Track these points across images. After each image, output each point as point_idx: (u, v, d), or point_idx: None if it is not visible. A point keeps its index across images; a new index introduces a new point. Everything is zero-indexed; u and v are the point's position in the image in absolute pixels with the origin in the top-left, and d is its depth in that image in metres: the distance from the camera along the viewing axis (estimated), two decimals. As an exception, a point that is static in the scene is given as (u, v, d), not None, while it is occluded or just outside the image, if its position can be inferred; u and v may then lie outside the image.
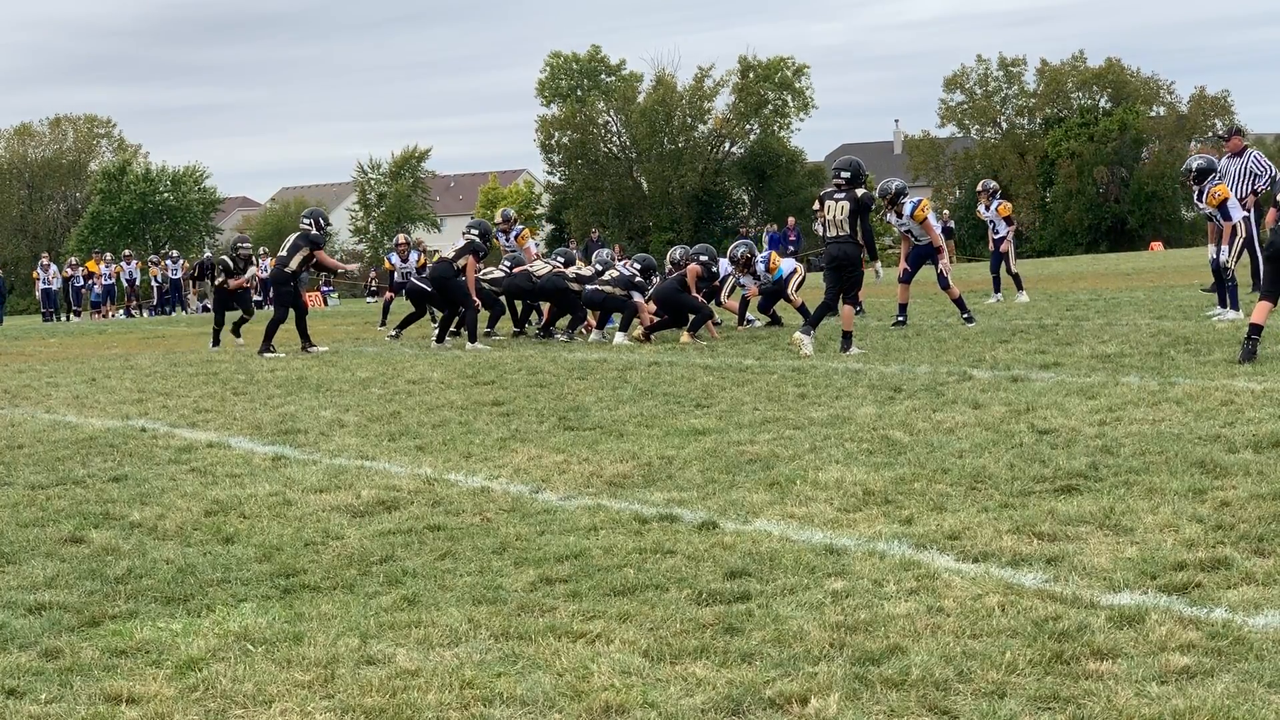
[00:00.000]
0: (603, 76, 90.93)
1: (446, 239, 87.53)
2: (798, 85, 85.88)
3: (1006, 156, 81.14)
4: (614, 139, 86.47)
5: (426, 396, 14.75)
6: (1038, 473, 8.87)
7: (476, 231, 22.59)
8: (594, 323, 22.36)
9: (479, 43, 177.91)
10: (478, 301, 22.08)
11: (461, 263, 21.62)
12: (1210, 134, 77.71)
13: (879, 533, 7.64)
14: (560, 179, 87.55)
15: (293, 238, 22.60)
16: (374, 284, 63.96)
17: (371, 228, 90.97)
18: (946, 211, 67.25)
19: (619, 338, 20.61)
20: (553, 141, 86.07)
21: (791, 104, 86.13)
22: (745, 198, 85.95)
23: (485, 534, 8.11)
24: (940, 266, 21.17)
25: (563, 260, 24.35)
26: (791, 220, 55.25)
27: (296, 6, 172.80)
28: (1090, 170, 76.96)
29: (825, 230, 17.84)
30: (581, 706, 5.26)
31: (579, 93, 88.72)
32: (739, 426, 11.46)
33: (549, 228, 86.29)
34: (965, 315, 20.36)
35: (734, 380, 14.61)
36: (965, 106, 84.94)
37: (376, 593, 6.97)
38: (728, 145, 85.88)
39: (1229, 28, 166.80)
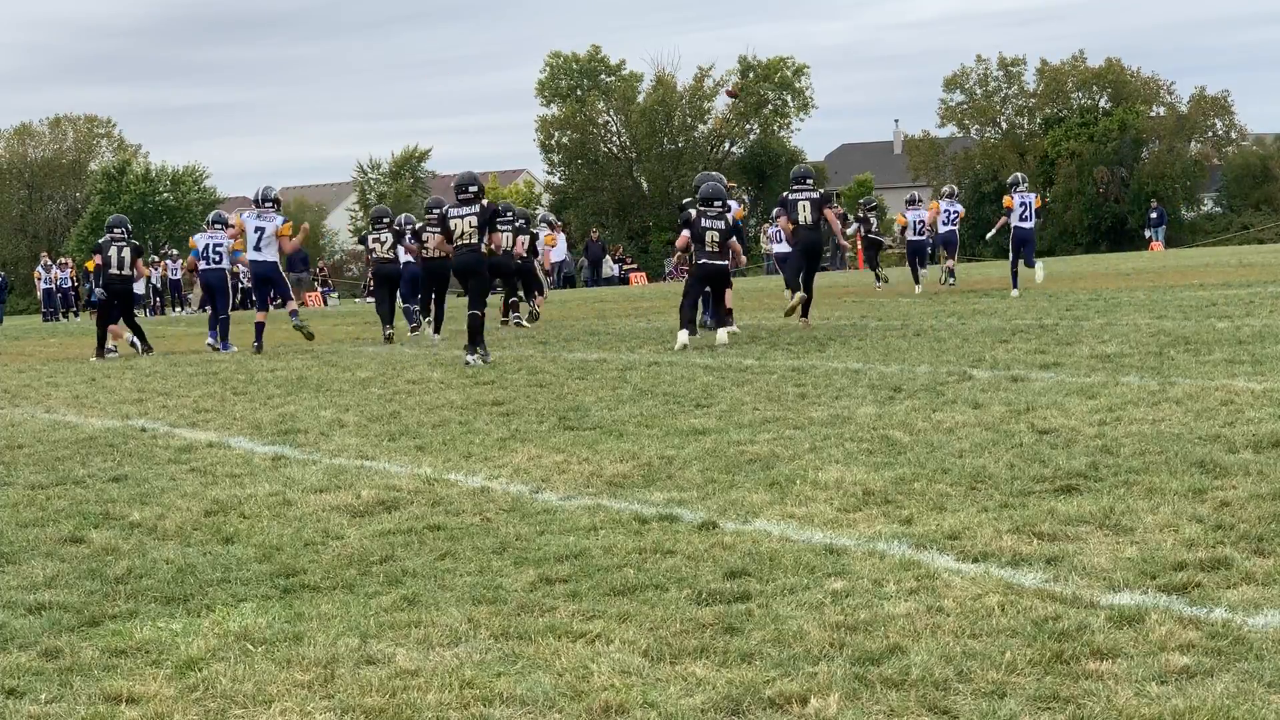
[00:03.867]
0: (603, 76, 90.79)
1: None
2: (797, 85, 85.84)
3: (1006, 156, 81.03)
4: (614, 139, 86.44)
5: (426, 396, 14.75)
6: (1037, 472, 8.87)
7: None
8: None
9: (479, 43, 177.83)
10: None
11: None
12: None
13: (879, 532, 7.64)
14: (560, 179, 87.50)
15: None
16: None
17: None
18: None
19: (721, 335, 19.65)
20: (552, 141, 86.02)
21: (791, 104, 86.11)
22: (745, 197, 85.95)
23: (485, 534, 8.11)
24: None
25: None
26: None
27: (297, 6, 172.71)
28: (1090, 170, 76.91)
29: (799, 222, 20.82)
30: (581, 706, 5.26)
31: (579, 93, 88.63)
32: (739, 426, 11.46)
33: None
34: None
35: (734, 380, 14.61)
36: (965, 106, 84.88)
37: (376, 592, 6.97)
38: (728, 145, 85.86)
39: (1229, 28, 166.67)
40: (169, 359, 22.31)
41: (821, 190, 20.86)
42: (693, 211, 19.49)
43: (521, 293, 26.96)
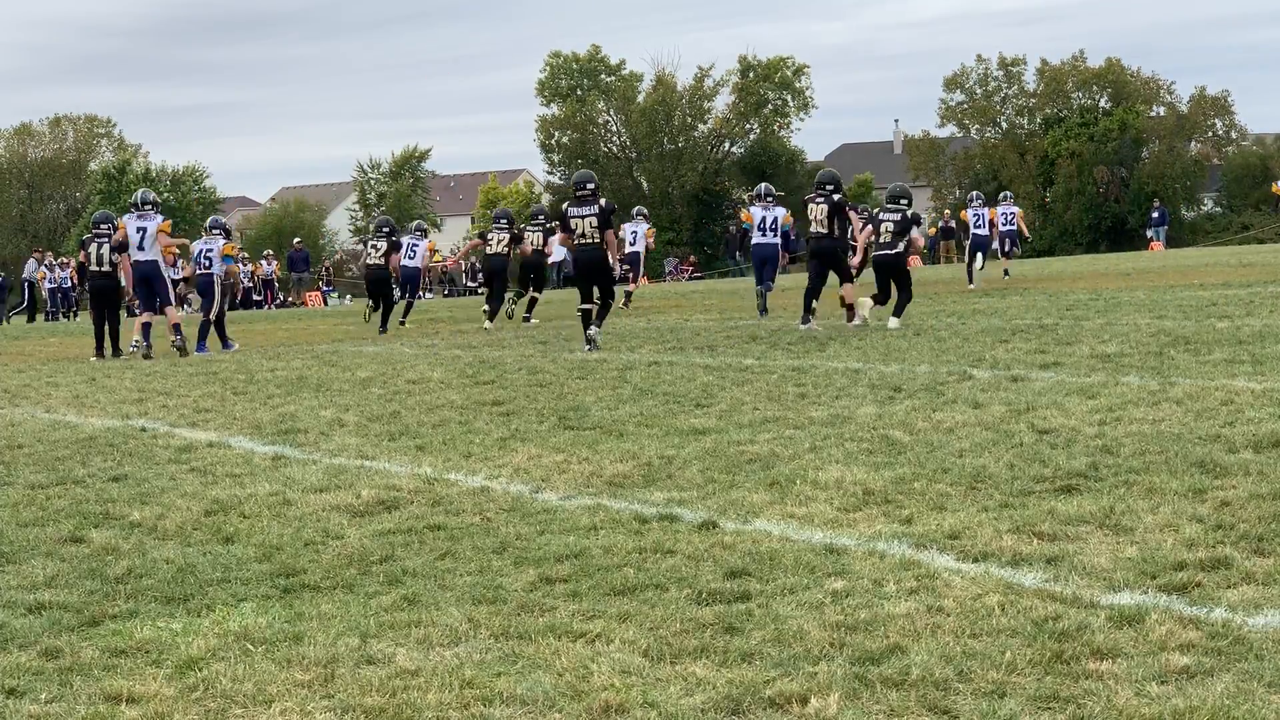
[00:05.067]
0: (602, 76, 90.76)
1: (447, 239, 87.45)
2: (797, 85, 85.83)
3: (1006, 156, 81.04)
4: (614, 139, 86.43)
5: (426, 396, 14.75)
6: (1038, 472, 8.87)
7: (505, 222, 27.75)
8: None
9: (479, 43, 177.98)
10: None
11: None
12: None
13: (879, 532, 7.64)
14: (560, 179, 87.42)
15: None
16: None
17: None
18: (947, 211, 67.23)
19: (893, 322, 20.38)
20: (552, 141, 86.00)
21: (791, 104, 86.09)
22: (745, 197, 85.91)
23: (485, 534, 8.11)
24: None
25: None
26: (790, 219, 55.21)
27: (297, 6, 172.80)
28: (1090, 170, 76.89)
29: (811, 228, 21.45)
30: (581, 706, 5.26)
31: (579, 92, 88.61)
32: (739, 426, 11.46)
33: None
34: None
35: (734, 380, 14.61)
36: (965, 106, 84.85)
37: (376, 592, 6.97)
38: (728, 145, 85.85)
39: (1229, 28, 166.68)
40: (168, 359, 22.30)
41: (839, 196, 21.43)
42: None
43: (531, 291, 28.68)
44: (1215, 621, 5.79)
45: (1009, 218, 35.11)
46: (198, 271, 24.64)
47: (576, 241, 19.44)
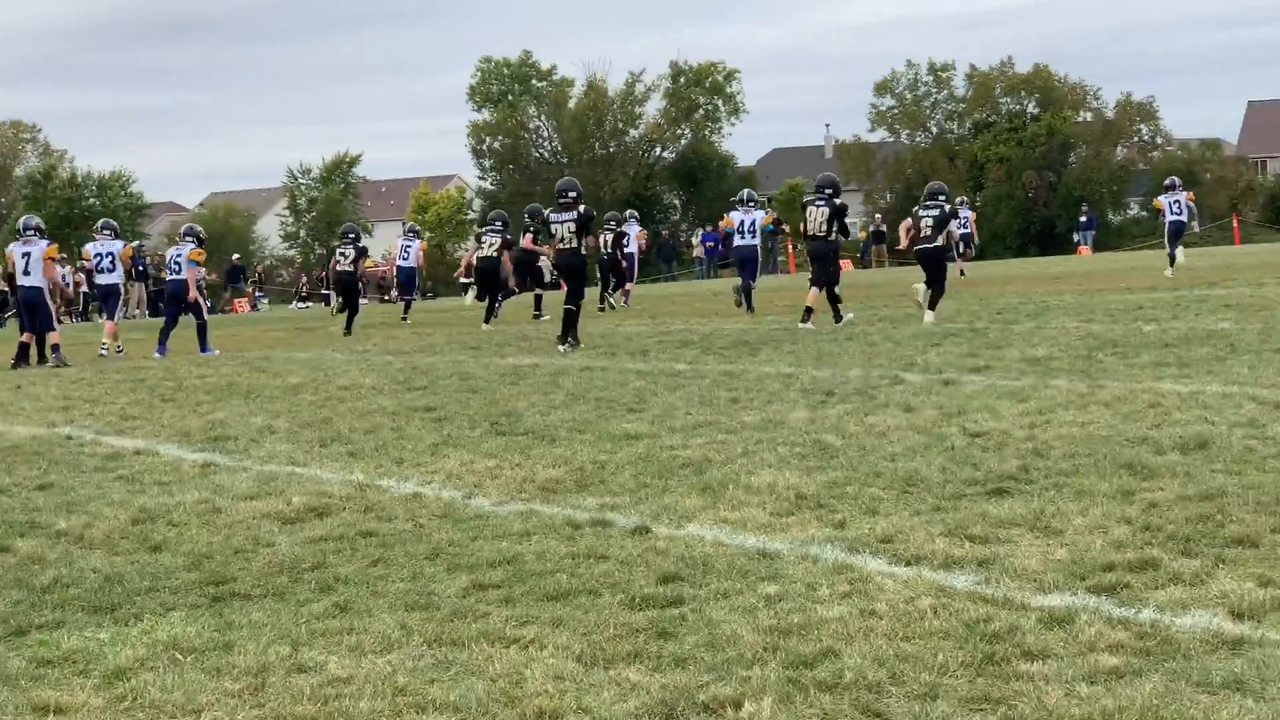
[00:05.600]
0: (534, 82, 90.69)
1: (378, 244, 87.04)
2: (728, 90, 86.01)
3: (937, 161, 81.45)
4: (545, 144, 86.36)
5: (358, 402, 14.68)
6: (969, 475, 8.92)
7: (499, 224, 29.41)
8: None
9: (410, 48, 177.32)
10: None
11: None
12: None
13: (812, 536, 7.66)
14: (492, 184, 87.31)
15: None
16: (304, 290, 63.58)
17: (302, 233, 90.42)
18: (878, 216, 67.54)
19: (929, 317, 21.06)
20: (484, 147, 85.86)
21: (722, 108, 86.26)
22: (677, 202, 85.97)
23: (417, 540, 8.08)
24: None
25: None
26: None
27: (226, 11, 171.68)
28: (1019, 175, 77.37)
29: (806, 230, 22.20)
30: (515, 713, 5.25)
31: (510, 98, 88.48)
32: (671, 431, 11.46)
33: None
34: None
35: (666, 385, 14.62)
36: (895, 111, 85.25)
37: (308, 600, 6.93)
38: (659, 150, 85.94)
39: (1154, 34, 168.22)
40: (96, 365, 22.11)
41: (839, 200, 22.13)
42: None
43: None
44: (1144, 622, 5.83)
45: (963, 221, 36.80)
46: (169, 277, 24.83)
47: (556, 246, 20.10)
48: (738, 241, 27.30)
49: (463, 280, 29.38)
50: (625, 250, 31.90)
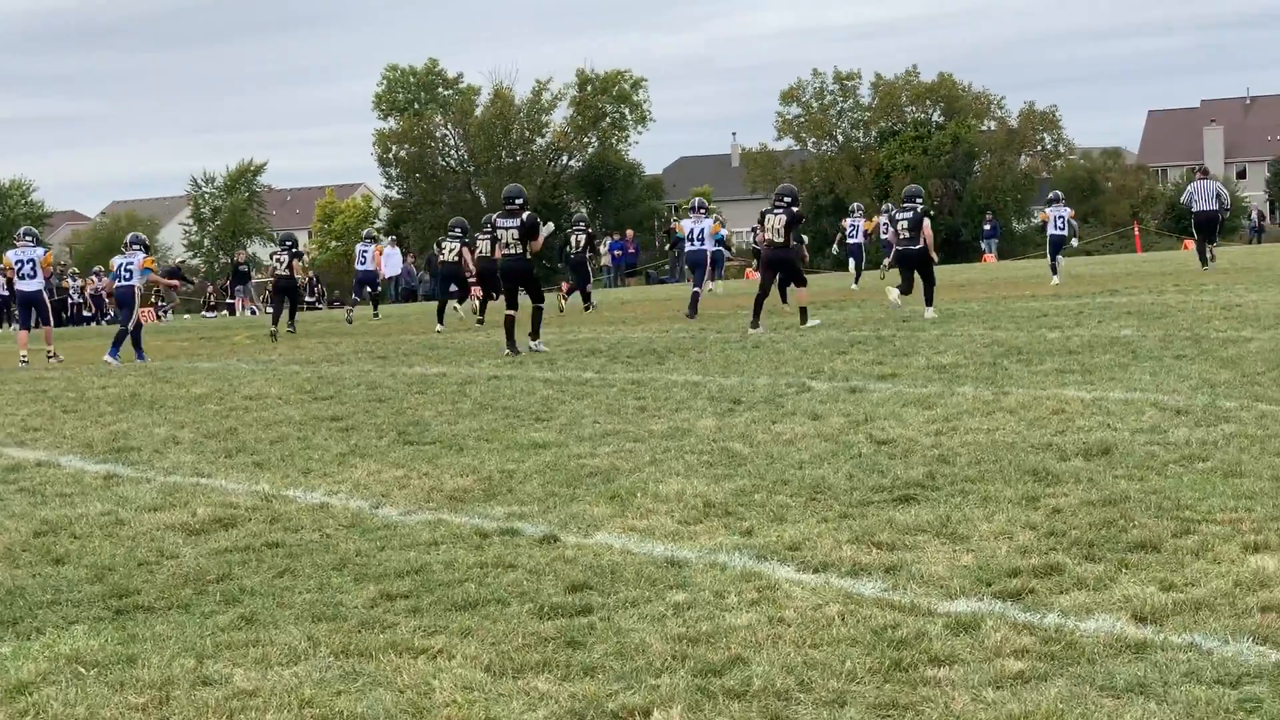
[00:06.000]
0: (440, 90, 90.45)
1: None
2: (635, 98, 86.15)
3: (843, 169, 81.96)
4: (452, 152, 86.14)
5: (264, 412, 14.58)
6: (876, 483, 8.97)
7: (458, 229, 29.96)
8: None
9: (315, 55, 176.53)
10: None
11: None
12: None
13: (720, 544, 7.67)
14: (398, 193, 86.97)
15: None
16: (212, 299, 63.01)
17: (206, 242, 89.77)
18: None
19: (929, 312, 22.27)
20: (390, 155, 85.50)
21: (629, 117, 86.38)
22: (584, 210, 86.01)
23: (324, 550, 8.03)
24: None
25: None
26: (630, 233, 55.31)
27: (128, 17, 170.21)
28: (924, 183, 77.94)
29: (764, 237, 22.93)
30: (423, 723, 5.22)
31: (416, 106, 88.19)
32: (579, 440, 11.46)
33: (386, 241, 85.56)
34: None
35: (573, 393, 14.61)
36: (802, 120, 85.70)
37: (213, 612, 6.87)
38: (566, 158, 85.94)
39: (1056, 44, 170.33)
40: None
41: (796, 209, 22.86)
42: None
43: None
44: (1048, 627, 5.89)
45: (886, 228, 37.46)
46: (117, 284, 24.94)
47: (502, 251, 20.58)
48: (689, 247, 28.43)
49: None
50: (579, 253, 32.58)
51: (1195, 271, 30.93)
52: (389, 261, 55.22)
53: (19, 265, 24.66)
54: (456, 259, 29.33)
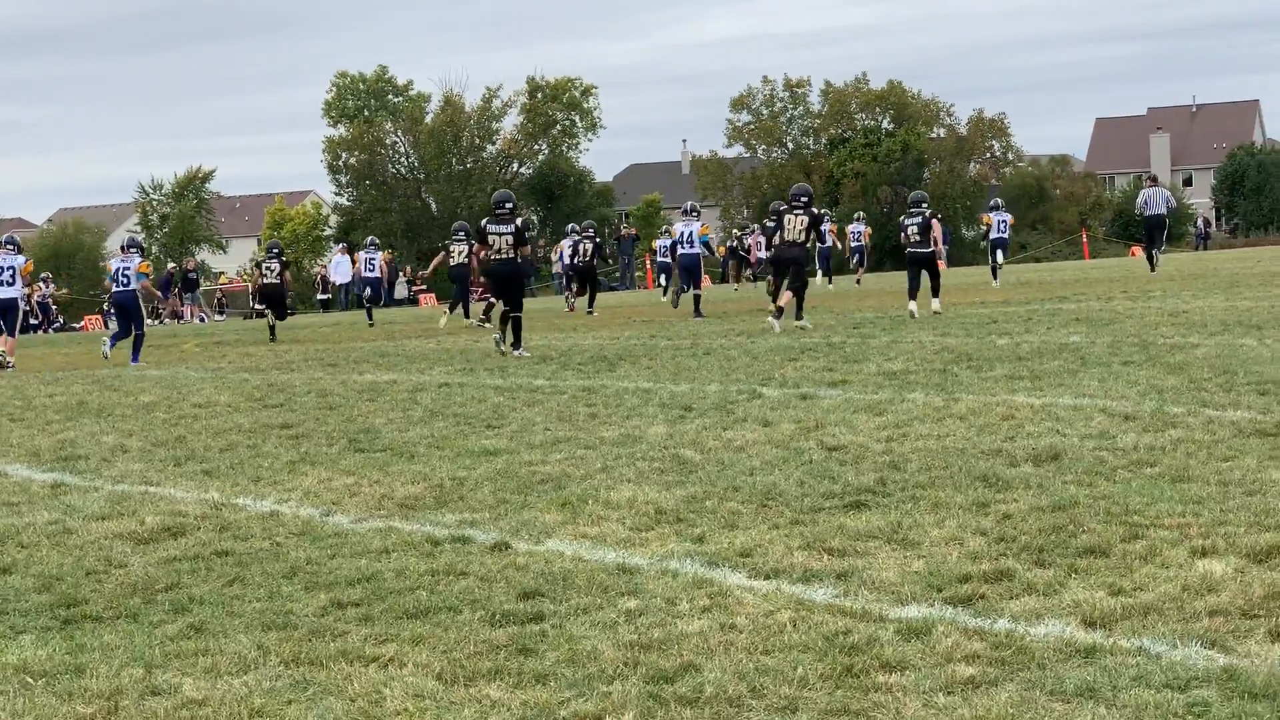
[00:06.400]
0: (390, 97, 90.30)
1: (233, 261, 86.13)
2: (585, 105, 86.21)
3: (793, 176, 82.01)
4: (402, 160, 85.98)
5: (213, 420, 14.51)
6: (827, 489, 8.99)
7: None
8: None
9: (264, 62, 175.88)
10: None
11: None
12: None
13: (671, 551, 7.68)
14: (348, 200, 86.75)
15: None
16: (159, 307, 62.58)
17: (154, 249, 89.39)
18: (736, 231, 67.91)
19: (934, 304, 23.90)
20: (340, 162, 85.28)
21: (579, 124, 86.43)
22: (534, 217, 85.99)
23: (275, 558, 8.00)
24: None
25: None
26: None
27: (75, 23, 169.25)
28: (874, 190, 78.36)
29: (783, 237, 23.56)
30: (374, 732, 5.20)
31: (366, 113, 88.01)
32: (530, 447, 11.45)
33: (337, 248, 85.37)
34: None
35: (525, 400, 14.59)
36: (752, 127, 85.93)
37: (162, 621, 6.83)
38: (516, 165, 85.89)
39: (1005, 52, 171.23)
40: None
41: (815, 210, 23.81)
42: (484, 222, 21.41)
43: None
44: (999, 632, 5.91)
45: (858, 235, 42.71)
46: (116, 289, 25.14)
47: (493, 256, 20.79)
48: (681, 250, 29.60)
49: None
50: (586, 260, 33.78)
51: (1143, 278, 31.14)
52: (338, 269, 55.14)
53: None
54: (467, 260, 30.24)
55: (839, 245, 43.32)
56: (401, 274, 63.72)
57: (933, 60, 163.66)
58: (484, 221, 21.30)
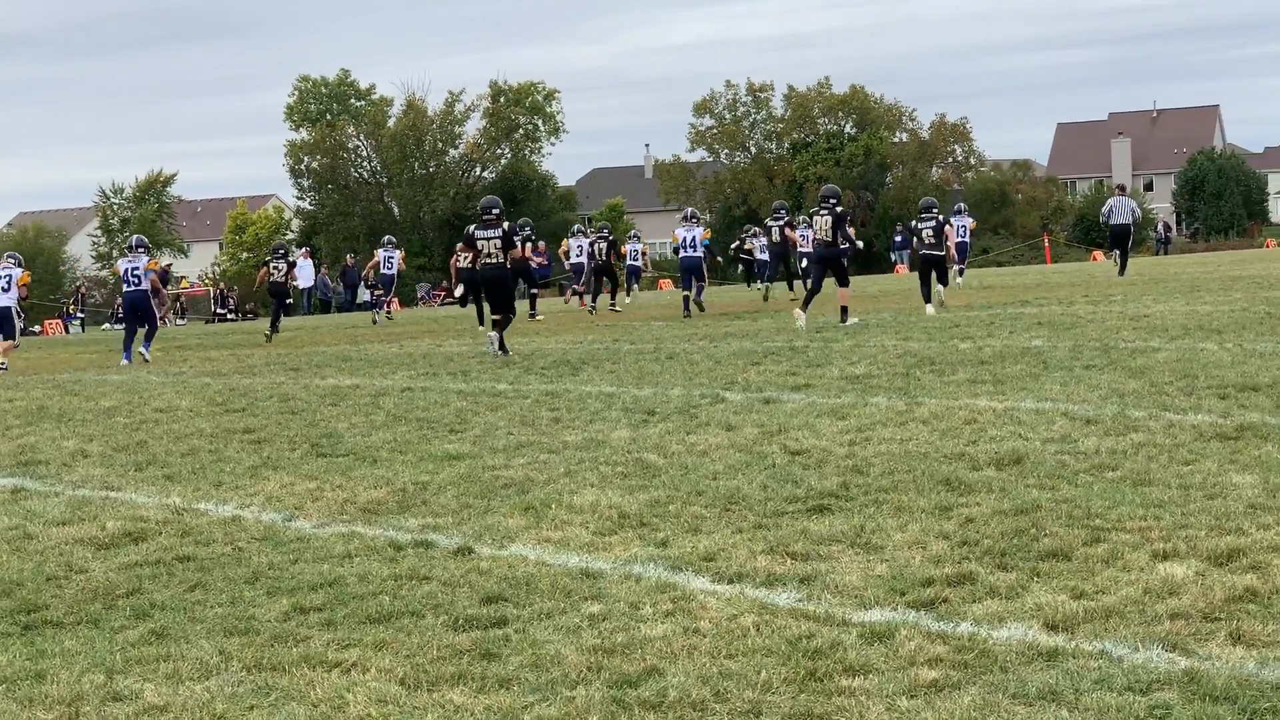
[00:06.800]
0: (352, 101, 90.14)
1: (194, 265, 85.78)
2: (548, 109, 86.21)
3: (756, 181, 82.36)
4: (364, 164, 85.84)
5: (174, 425, 14.45)
6: (790, 493, 9.00)
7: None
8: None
9: (226, 66, 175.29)
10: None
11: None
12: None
13: (634, 555, 7.68)
14: (310, 204, 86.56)
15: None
16: (119, 311, 62.35)
17: (115, 254, 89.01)
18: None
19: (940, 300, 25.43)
20: (302, 166, 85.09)
21: (542, 128, 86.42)
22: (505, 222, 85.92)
23: (237, 563, 7.97)
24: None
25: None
26: (542, 245, 55.15)
27: (34, 27, 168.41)
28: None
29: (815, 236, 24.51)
30: (337, 738, 5.19)
31: (328, 117, 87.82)
32: (493, 451, 11.43)
33: (299, 252, 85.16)
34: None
35: (488, 405, 14.57)
36: (715, 131, 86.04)
37: (123, 627, 6.80)
38: (479, 170, 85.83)
39: (967, 57, 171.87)
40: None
41: (841, 208, 24.29)
42: (471, 227, 21.82)
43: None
44: (962, 636, 5.92)
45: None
46: (127, 289, 25.79)
47: (482, 260, 21.25)
48: (684, 254, 30.40)
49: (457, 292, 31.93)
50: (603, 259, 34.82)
51: (1104, 283, 31.27)
52: (301, 273, 54.98)
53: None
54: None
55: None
56: (363, 279, 63.51)
57: (895, 65, 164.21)
58: (471, 227, 21.69)
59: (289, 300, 36.20)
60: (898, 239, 65.24)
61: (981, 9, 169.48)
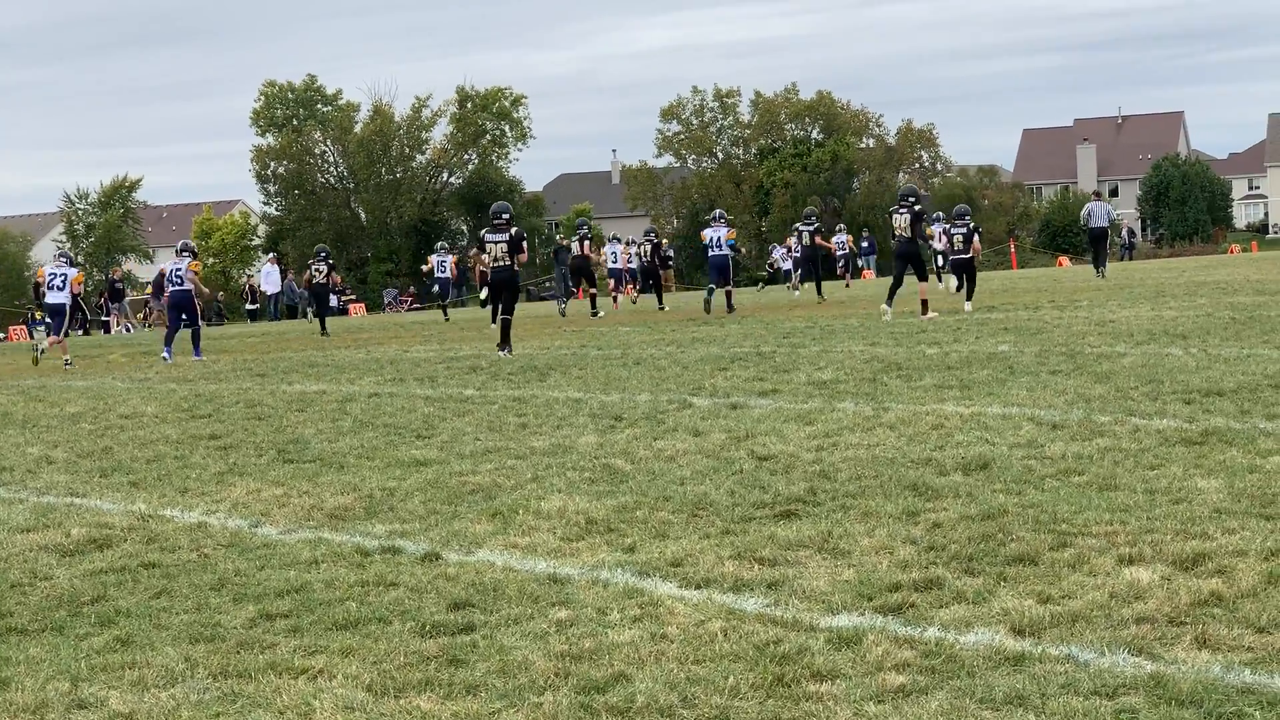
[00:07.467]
0: (319, 106, 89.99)
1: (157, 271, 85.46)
2: (515, 115, 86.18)
3: (723, 186, 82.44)
4: (331, 169, 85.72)
5: (140, 431, 14.39)
6: (758, 499, 9.00)
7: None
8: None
9: (191, 71, 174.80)
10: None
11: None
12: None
13: (602, 561, 7.67)
14: (277, 209, 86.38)
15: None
16: (86, 316, 62.06)
17: (80, 259, 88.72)
18: (665, 240, 68.01)
19: (968, 306, 26.33)
20: (268, 171, 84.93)
21: (509, 134, 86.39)
22: (464, 227, 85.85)
23: (203, 570, 7.94)
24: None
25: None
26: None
27: (2, 29, 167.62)
28: (804, 200, 78.53)
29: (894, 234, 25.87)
30: (303, 745, 5.17)
31: (295, 122, 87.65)
32: (460, 457, 11.41)
33: (266, 258, 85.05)
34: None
35: (455, 410, 14.55)
36: (682, 137, 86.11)
37: (88, 634, 6.77)
38: (446, 175, 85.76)
39: (933, 63, 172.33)
40: None
41: (919, 207, 25.58)
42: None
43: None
44: (929, 640, 5.93)
45: (842, 244, 46.40)
46: (172, 289, 26.98)
47: (491, 263, 22.42)
48: (711, 253, 31.94)
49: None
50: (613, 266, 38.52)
51: (1070, 288, 31.40)
52: (268, 278, 54.87)
53: (50, 278, 26.68)
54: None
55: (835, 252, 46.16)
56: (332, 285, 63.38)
57: (862, 71, 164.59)
58: (483, 232, 22.76)
59: (330, 303, 38.42)
60: (865, 244, 65.37)
61: (947, 16, 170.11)
